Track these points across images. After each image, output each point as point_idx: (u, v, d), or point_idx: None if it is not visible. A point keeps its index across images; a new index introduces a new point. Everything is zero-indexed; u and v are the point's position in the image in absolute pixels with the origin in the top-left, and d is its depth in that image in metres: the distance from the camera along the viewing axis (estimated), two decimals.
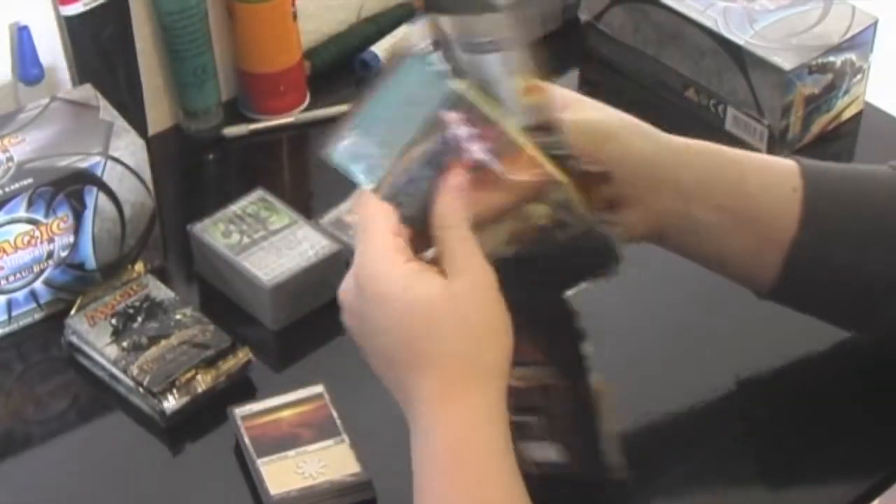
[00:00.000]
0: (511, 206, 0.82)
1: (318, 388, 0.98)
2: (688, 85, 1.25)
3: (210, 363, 1.01)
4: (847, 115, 1.24)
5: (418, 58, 0.82)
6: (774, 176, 0.94)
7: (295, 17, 1.24)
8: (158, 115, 1.25)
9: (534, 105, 0.83)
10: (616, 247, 0.85)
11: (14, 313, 1.07)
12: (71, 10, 1.14)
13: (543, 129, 0.84)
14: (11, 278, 1.05)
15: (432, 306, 0.79)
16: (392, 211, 0.82)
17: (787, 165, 0.94)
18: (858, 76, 1.22)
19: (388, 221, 0.82)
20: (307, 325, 1.07)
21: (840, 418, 0.99)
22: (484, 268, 0.80)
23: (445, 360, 0.79)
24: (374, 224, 0.82)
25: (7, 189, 1.02)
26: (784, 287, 0.94)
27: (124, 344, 1.02)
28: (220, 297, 1.09)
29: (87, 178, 1.05)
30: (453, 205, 0.81)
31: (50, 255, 1.06)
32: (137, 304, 1.05)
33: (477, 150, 0.81)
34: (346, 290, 0.83)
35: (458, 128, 0.81)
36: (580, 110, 0.91)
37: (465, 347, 0.79)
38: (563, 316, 0.85)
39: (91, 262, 1.09)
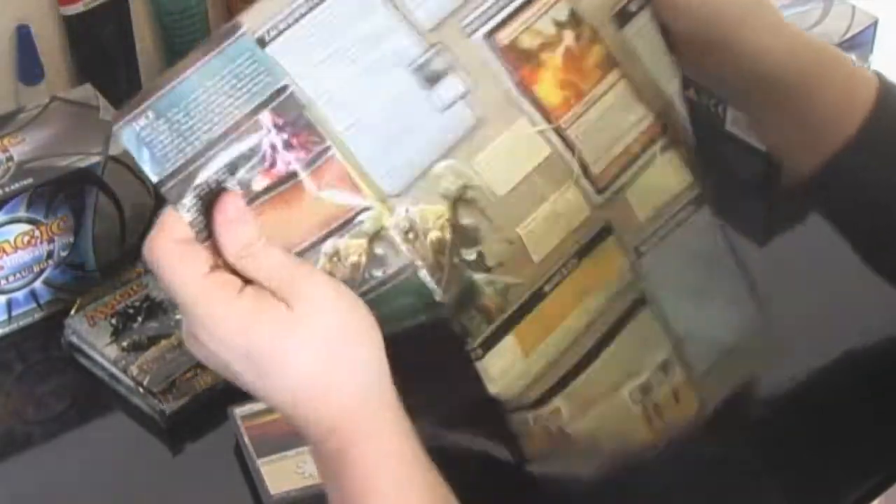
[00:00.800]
0: (321, 232, 0.71)
1: None
2: (688, 85, 1.24)
3: None
4: None
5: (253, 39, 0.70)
6: (850, 78, 0.92)
7: None
8: None
9: None
10: (439, 294, 0.73)
11: (14, 313, 1.07)
12: (71, 9, 1.15)
13: None
14: (11, 278, 1.05)
15: (282, 345, 0.70)
16: (192, 244, 0.70)
17: (867, 75, 0.92)
18: None
19: (195, 260, 0.70)
20: None
21: (840, 418, 0.99)
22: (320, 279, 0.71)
23: (299, 397, 0.73)
24: (181, 269, 0.70)
25: (7, 189, 1.02)
26: (815, 186, 0.92)
27: (124, 344, 1.02)
28: None
29: (87, 178, 1.05)
30: (238, 234, 0.70)
31: (50, 255, 1.06)
32: (137, 304, 1.05)
33: (291, 160, 0.70)
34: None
35: (274, 133, 0.70)
36: None
37: (329, 378, 0.72)
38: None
39: (91, 262, 1.09)
